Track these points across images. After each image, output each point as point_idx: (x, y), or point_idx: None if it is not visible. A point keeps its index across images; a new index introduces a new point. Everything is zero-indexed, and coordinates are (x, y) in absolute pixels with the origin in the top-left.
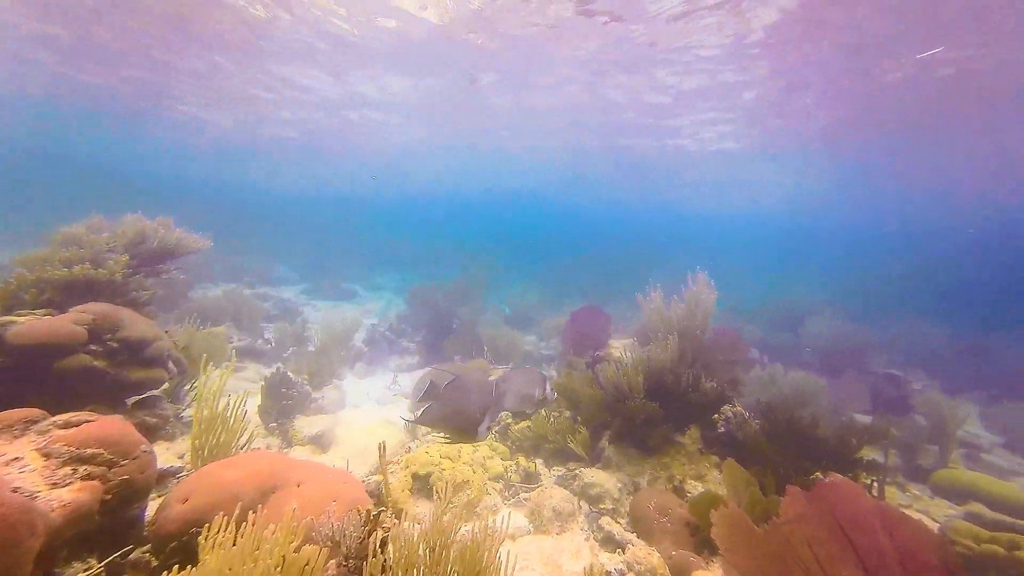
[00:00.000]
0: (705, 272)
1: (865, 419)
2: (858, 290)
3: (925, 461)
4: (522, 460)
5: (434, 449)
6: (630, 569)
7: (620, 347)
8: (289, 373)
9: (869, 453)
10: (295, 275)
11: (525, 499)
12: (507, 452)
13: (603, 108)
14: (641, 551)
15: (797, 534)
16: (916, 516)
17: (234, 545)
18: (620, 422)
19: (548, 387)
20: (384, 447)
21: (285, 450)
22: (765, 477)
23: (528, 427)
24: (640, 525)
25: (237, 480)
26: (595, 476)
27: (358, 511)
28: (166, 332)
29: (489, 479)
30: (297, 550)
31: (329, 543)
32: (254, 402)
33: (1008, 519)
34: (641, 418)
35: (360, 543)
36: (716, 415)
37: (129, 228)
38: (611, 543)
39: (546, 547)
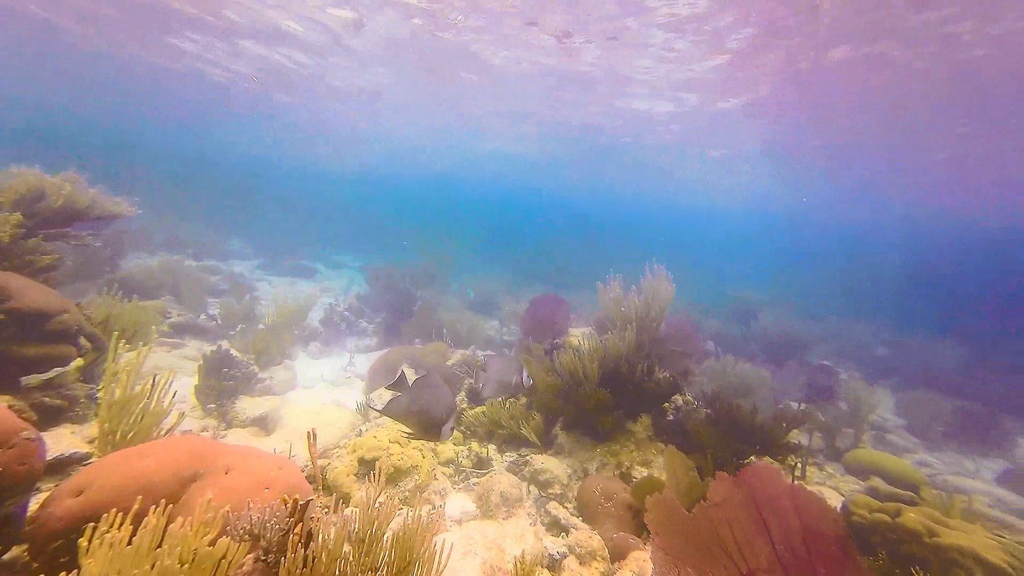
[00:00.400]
0: (663, 266)
1: (799, 406)
2: (805, 287)
3: (842, 443)
4: (475, 446)
5: (383, 433)
6: (571, 551)
7: (579, 335)
8: (233, 351)
9: (796, 437)
10: (250, 249)
11: (475, 484)
12: (460, 437)
13: (575, 84)
14: (583, 534)
15: (721, 516)
16: (828, 492)
17: (129, 544)
18: (573, 409)
19: (525, 374)
20: (314, 434)
21: (224, 433)
22: (705, 462)
23: (483, 413)
24: (586, 510)
25: (149, 469)
26: (545, 462)
27: (284, 500)
28: (77, 305)
29: (440, 464)
30: (212, 544)
31: (247, 537)
32: (191, 382)
33: (900, 491)
34: (592, 404)
35: (283, 535)
36: (667, 404)
37: (19, 183)
38: (557, 527)
39: (491, 532)
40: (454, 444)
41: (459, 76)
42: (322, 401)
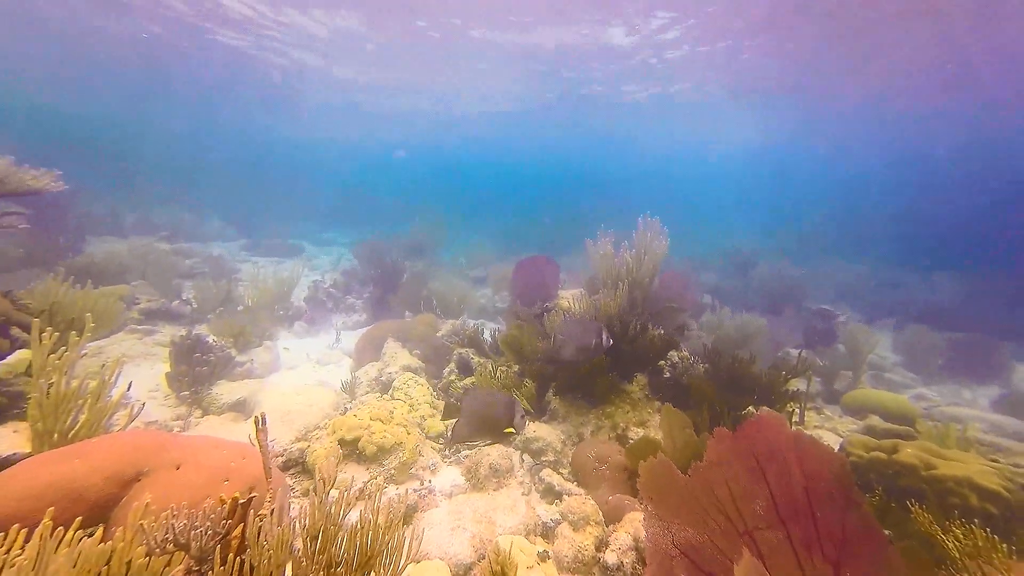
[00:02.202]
0: (657, 218)
1: (799, 353)
2: (801, 235)
3: (840, 385)
4: None
5: (363, 411)
6: (564, 518)
7: (570, 297)
8: (208, 336)
9: (796, 384)
10: (233, 230)
11: (466, 456)
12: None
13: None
14: (576, 500)
15: (719, 476)
16: (826, 434)
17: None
18: (566, 373)
19: (605, 334)
20: (262, 419)
21: (198, 421)
22: (701, 418)
23: (472, 383)
24: (580, 474)
25: (76, 472)
26: (538, 430)
27: (221, 500)
28: (5, 294)
29: (430, 438)
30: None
31: (170, 547)
32: (163, 369)
33: (896, 427)
34: (586, 368)
35: (219, 541)
36: (663, 361)
37: None
38: (551, 494)
39: (481, 504)
40: (443, 419)
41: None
42: (306, 382)
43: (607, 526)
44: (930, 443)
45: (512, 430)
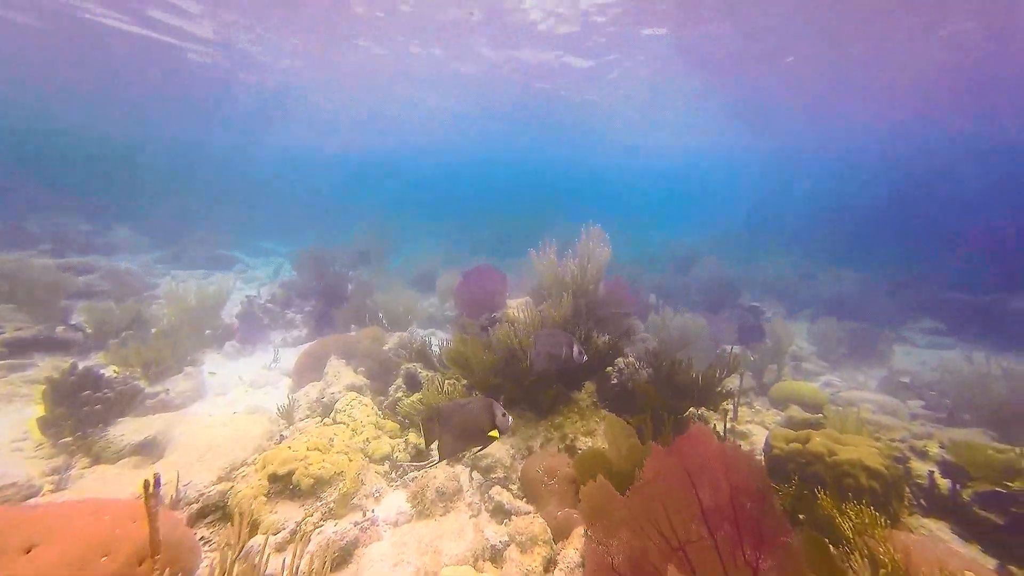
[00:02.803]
0: (599, 226)
1: (731, 350)
2: (737, 234)
3: (769, 378)
4: (413, 437)
5: (299, 440)
6: (512, 540)
7: (517, 306)
8: (105, 367)
9: (732, 381)
10: (145, 240)
11: (413, 479)
12: (397, 429)
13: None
14: (524, 521)
15: (655, 492)
16: (756, 428)
17: None
18: (513, 385)
19: (576, 348)
20: (155, 480)
21: (83, 472)
22: (645, 424)
23: (419, 400)
24: (529, 489)
25: None
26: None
27: None
28: None
29: (375, 462)
30: None
31: None
32: (35, 412)
33: (810, 416)
34: (531, 379)
35: None
36: (610, 368)
37: None
38: (501, 512)
39: (426, 533)
40: (390, 437)
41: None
42: (237, 409)
43: (556, 543)
44: (833, 430)
45: (496, 433)
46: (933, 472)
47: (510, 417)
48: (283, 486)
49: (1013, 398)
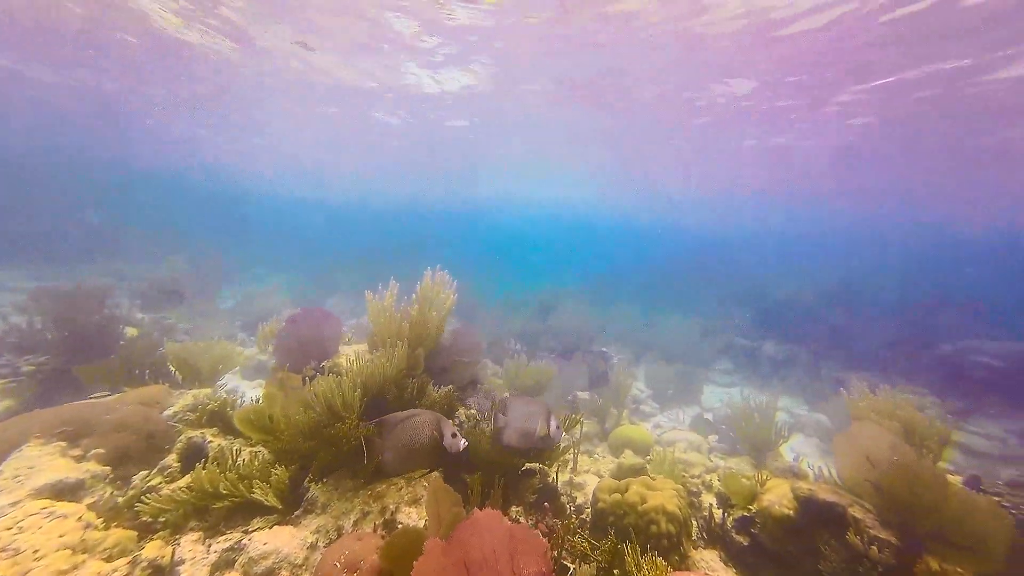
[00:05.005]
0: (445, 271)
1: (571, 397)
2: (595, 280)
3: (610, 423)
4: (153, 548)
5: None
6: None
7: (352, 354)
8: None
9: (576, 431)
10: None
11: None
12: (129, 538)
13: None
14: None
15: None
16: (591, 478)
17: None
18: (329, 451)
19: (554, 423)
20: None
21: None
22: (474, 487)
23: (186, 487)
24: None
25: None
26: (272, 540)
27: None
28: None
29: None
30: None
31: None
32: None
33: (637, 462)
34: (349, 444)
35: None
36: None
37: None
38: None
39: None
40: (107, 560)
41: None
42: None
43: None
44: (655, 471)
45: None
46: (711, 504)
47: (462, 439)
48: None
49: (762, 427)
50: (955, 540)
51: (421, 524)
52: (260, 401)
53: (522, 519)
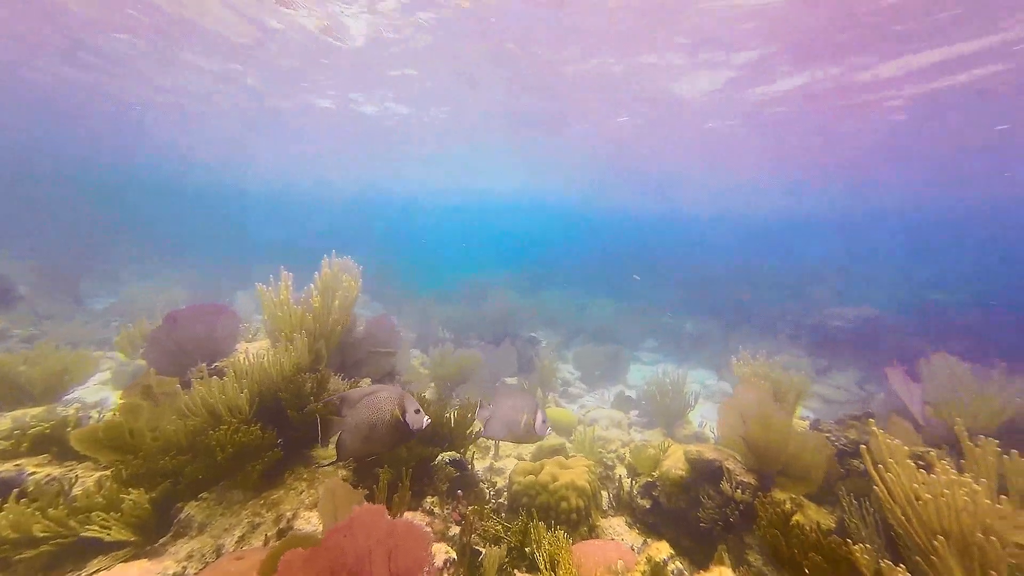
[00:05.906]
0: (348, 258)
1: (513, 380)
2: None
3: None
4: None
5: None
6: None
7: (253, 351)
8: None
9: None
10: None
11: None
12: None
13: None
14: None
15: None
16: (511, 462)
17: None
18: (202, 465)
19: (540, 417)
20: None
21: None
22: (380, 484)
23: None
24: None
25: None
26: (126, 572)
27: None
28: None
29: None
30: None
31: None
32: None
33: (556, 442)
34: (226, 453)
35: None
36: None
37: None
38: None
39: None
40: None
41: None
42: None
43: None
44: (575, 450)
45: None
46: (621, 476)
47: (425, 416)
48: None
49: (675, 399)
50: (793, 473)
51: (320, 529)
52: (115, 415)
53: (436, 509)
